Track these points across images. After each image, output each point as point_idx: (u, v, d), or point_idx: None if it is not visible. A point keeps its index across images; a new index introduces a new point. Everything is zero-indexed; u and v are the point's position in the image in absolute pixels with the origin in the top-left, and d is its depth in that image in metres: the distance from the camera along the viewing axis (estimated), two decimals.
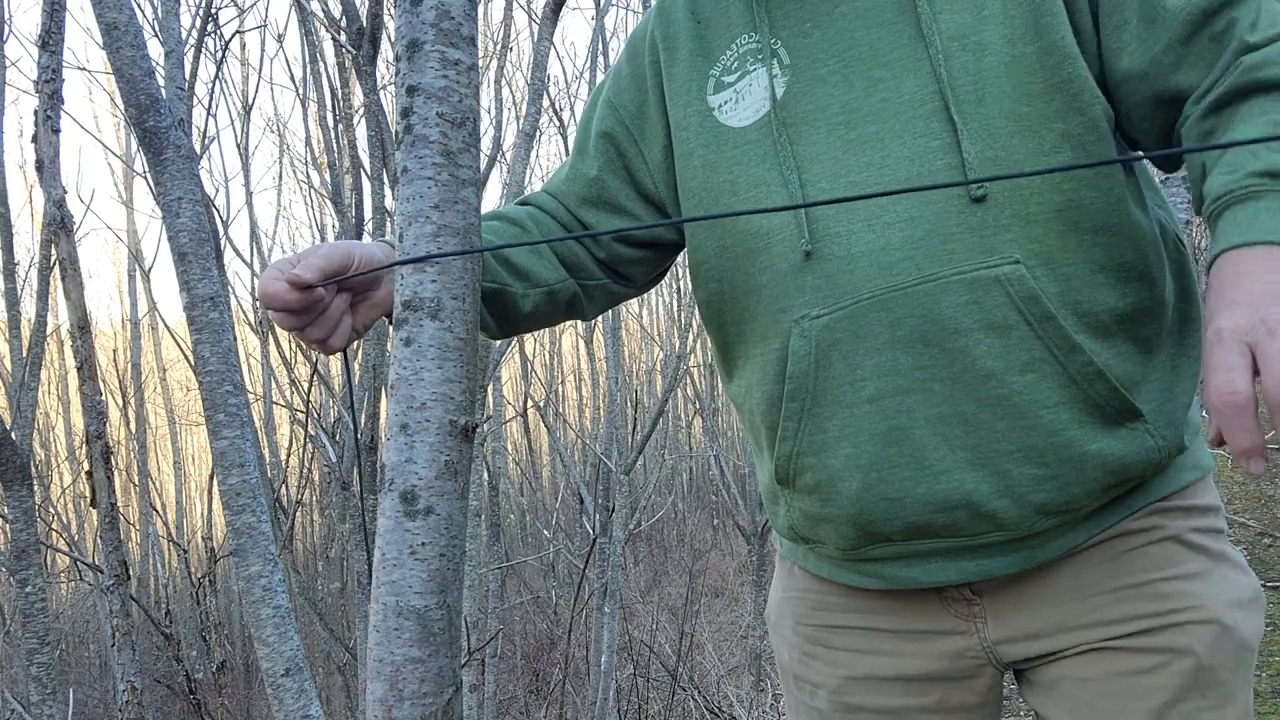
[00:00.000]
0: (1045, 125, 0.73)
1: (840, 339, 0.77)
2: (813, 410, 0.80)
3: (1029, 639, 0.81)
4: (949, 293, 0.74)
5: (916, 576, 0.81)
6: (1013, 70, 0.74)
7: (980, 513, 0.76)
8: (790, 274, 0.80)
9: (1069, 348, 0.73)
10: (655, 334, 9.45)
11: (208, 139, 3.86)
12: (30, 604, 2.29)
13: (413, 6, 0.65)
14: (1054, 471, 0.74)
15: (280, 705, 1.56)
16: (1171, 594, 0.77)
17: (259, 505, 1.57)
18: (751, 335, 0.85)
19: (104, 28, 1.47)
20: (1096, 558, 0.79)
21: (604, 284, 0.97)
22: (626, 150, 0.94)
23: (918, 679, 0.86)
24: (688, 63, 0.88)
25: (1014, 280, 0.73)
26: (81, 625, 8.91)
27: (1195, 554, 0.79)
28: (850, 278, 0.77)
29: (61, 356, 9.98)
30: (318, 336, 0.77)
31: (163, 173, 1.50)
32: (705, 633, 6.50)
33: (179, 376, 10.82)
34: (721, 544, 9.86)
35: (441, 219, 0.64)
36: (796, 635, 0.94)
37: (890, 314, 0.75)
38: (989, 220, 0.73)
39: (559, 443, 5.89)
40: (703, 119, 0.86)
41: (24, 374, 2.68)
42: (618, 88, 0.95)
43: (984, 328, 0.73)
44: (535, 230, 0.93)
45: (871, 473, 0.78)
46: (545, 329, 0.99)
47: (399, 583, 0.61)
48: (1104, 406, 0.74)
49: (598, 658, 4.14)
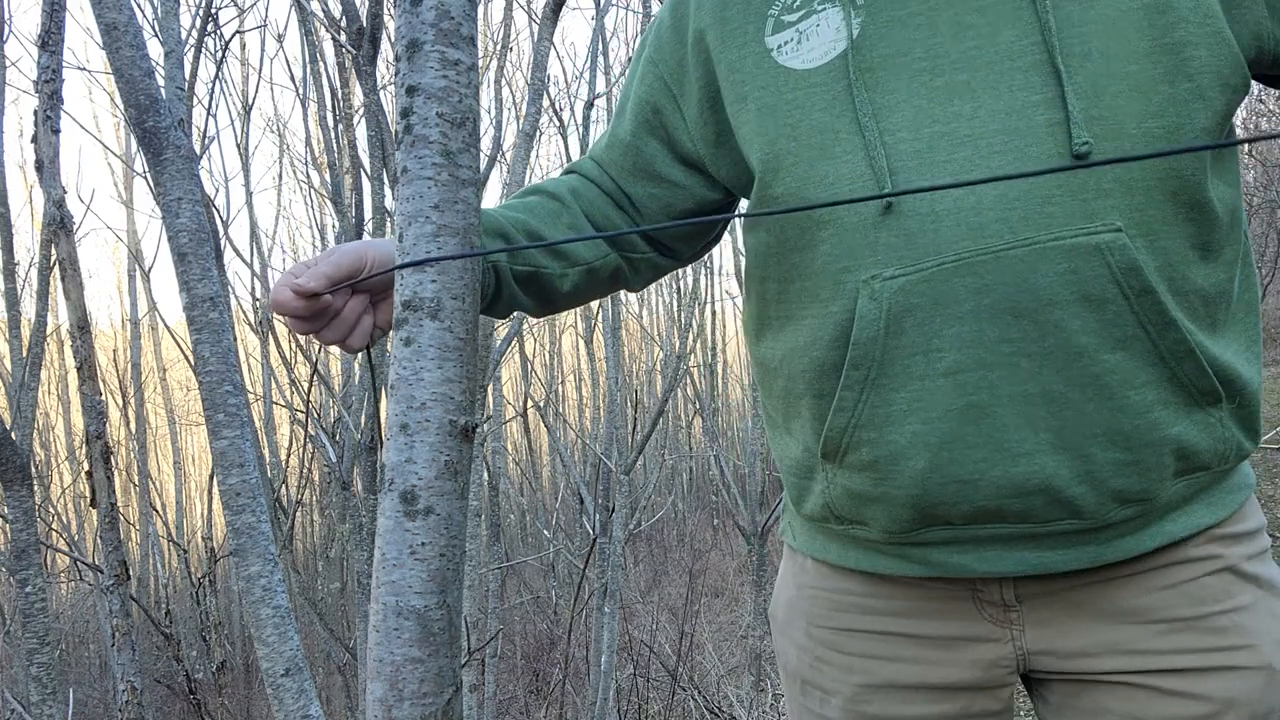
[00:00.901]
0: (1153, 87, 0.68)
1: (917, 304, 0.70)
2: (878, 380, 0.73)
3: (1075, 656, 0.77)
4: (1046, 260, 0.68)
5: (968, 564, 0.76)
6: (1121, 26, 0.68)
7: (1058, 499, 0.71)
8: (861, 229, 0.72)
9: (1164, 324, 0.69)
10: (655, 334, 9.45)
11: (208, 139, 3.86)
12: (30, 604, 2.29)
13: (413, 6, 0.65)
14: (1136, 456, 0.70)
15: (280, 705, 1.56)
16: (1227, 629, 0.74)
17: (259, 505, 1.57)
18: (801, 295, 0.78)
19: (104, 28, 1.47)
20: (1157, 581, 0.75)
21: (649, 257, 0.94)
22: (664, 108, 0.88)
23: (942, 688, 0.81)
24: (743, 3, 0.81)
25: (1116, 249, 0.67)
26: (81, 625, 8.91)
27: (1247, 584, 0.76)
28: (934, 237, 0.69)
29: (61, 356, 9.98)
30: (333, 339, 0.77)
31: (162, 173, 1.50)
32: (705, 633, 6.50)
33: (179, 376, 10.82)
34: (721, 544, 9.85)
35: (441, 219, 0.64)
36: (809, 638, 0.88)
37: (978, 280, 0.69)
38: (1091, 183, 0.68)
39: (559, 443, 5.89)
40: (759, 60, 0.78)
41: (24, 374, 2.68)
42: (659, 42, 0.89)
43: (1080, 300, 0.68)
44: (574, 205, 0.89)
45: (942, 452, 0.72)
46: (548, 318, 0.96)
47: (399, 583, 0.61)
48: (1189, 386, 0.71)
49: (598, 658, 4.14)
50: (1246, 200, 8.31)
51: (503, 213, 0.85)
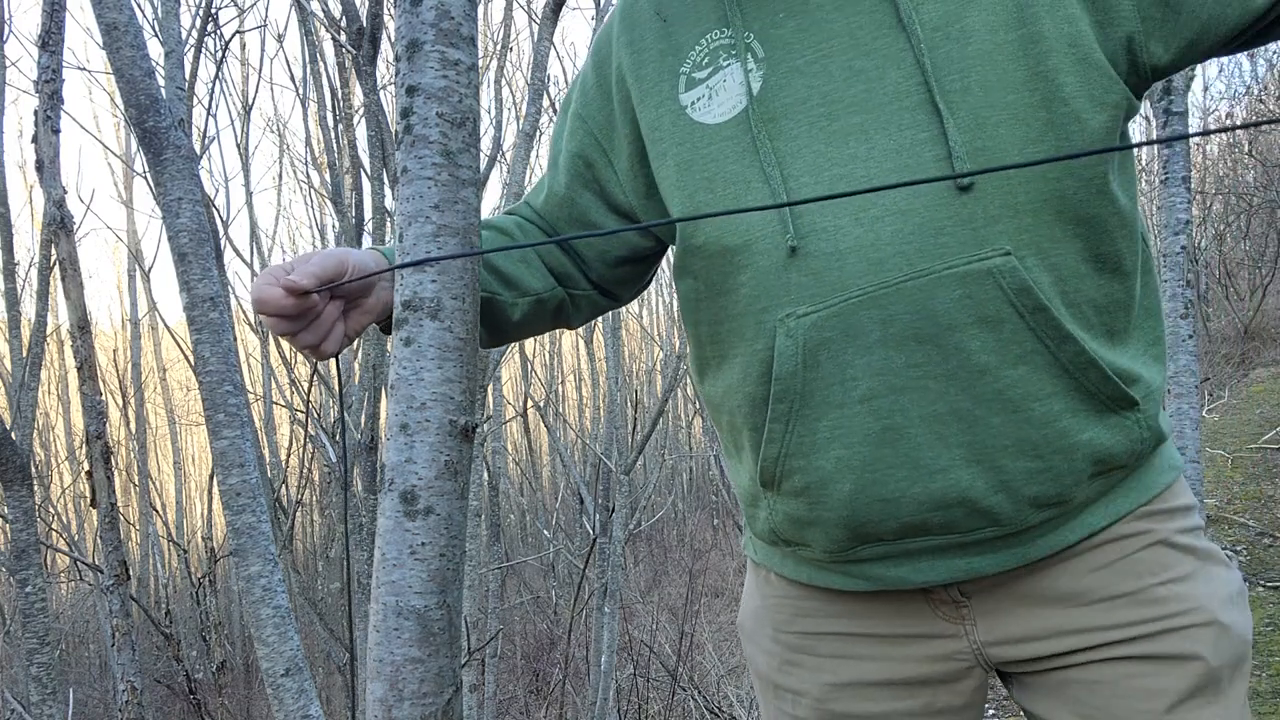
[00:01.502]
0: (1031, 114, 0.72)
1: (830, 338, 0.76)
2: (801, 411, 0.78)
3: (1022, 641, 0.81)
4: (942, 287, 0.73)
5: (905, 576, 0.80)
6: (997, 59, 0.73)
7: (976, 509, 0.75)
8: (774, 272, 0.78)
9: (1061, 338, 0.73)
10: (655, 334, 9.45)
11: (208, 139, 3.86)
12: (30, 604, 2.29)
13: (413, 6, 0.65)
14: (1047, 463, 0.74)
15: (280, 705, 1.56)
16: (1169, 598, 0.77)
17: (259, 505, 1.57)
18: (729, 336, 0.83)
19: (104, 28, 1.47)
20: (1090, 563, 0.79)
21: (590, 295, 0.97)
22: (596, 162, 0.92)
23: (905, 683, 0.85)
24: (656, 62, 0.86)
25: (1006, 272, 0.72)
26: (81, 625, 8.91)
27: (1184, 555, 0.80)
28: (839, 274, 0.75)
29: (61, 356, 9.98)
30: (310, 342, 0.77)
31: (163, 173, 1.50)
32: (705, 633, 6.50)
33: (179, 376, 10.82)
34: (721, 544, 9.85)
35: (441, 219, 0.64)
36: (776, 644, 0.92)
37: (882, 311, 0.74)
38: (979, 211, 0.72)
39: (559, 443, 5.89)
40: (675, 117, 0.84)
41: (24, 374, 2.68)
42: (585, 99, 0.93)
43: (977, 322, 0.73)
44: (523, 239, 0.93)
45: (865, 474, 0.77)
46: None
47: (399, 583, 0.61)
48: (1097, 394, 0.74)
49: (598, 658, 4.14)
50: (1246, 200, 8.30)
51: None
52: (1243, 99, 9.96)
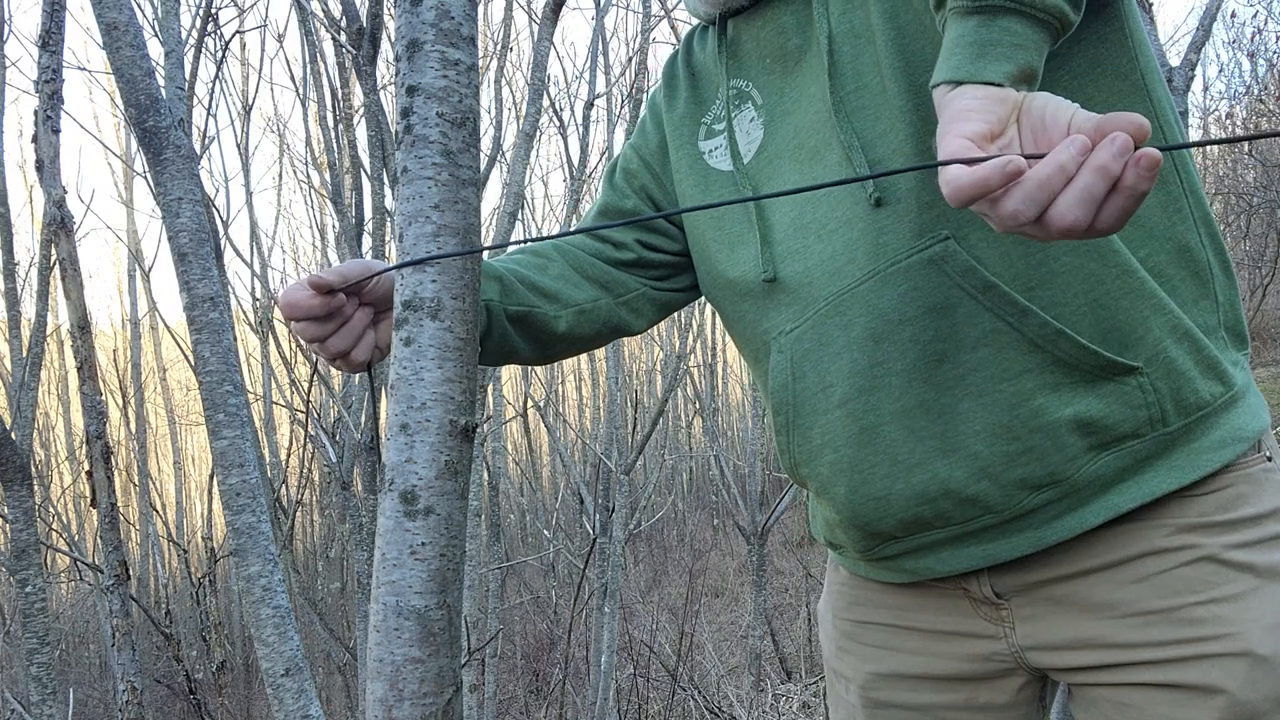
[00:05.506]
0: (924, 125, 0.74)
1: (808, 349, 0.81)
2: (797, 421, 0.83)
3: (1058, 649, 0.78)
4: (889, 284, 0.75)
5: (931, 566, 0.81)
6: (889, 94, 0.77)
7: (962, 499, 0.75)
8: (764, 297, 0.85)
9: (1019, 312, 0.71)
10: (655, 334, 9.45)
11: (208, 139, 3.86)
12: (30, 604, 2.29)
13: (413, 6, 0.65)
14: (1026, 444, 0.73)
15: (280, 705, 1.56)
16: (1206, 619, 0.72)
17: (259, 505, 1.57)
18: (750, 357, 0.90)
19: (104, 28, 1.47)
20: (1131, 574, 0.75)
21: (643, 292, 0.97)
22: (649, 183, 1.00)
23: (945, 678, 0.86)
24: (684, 112, 0.95)
25: (948, 256, 0.73)
26: (81, 625, 8.91)
27: (1237, 573, 0.73)
28: (810, 290, 0.80)
29: (61, 356, 9.98)
30: (341, 348, 0.77)
31: (163, 173, 1.50)
32: (705, 633, 6.50)
33: (179, 376, 10.81)
34: (721, 544, 9.85)
35: (441, 219, 0.64)
36: (835, 629, 0.96)
37: (843, 317, 0.78)
38: (914, 201, 0.74)
39: (559, 443, 5.89)
40: (693, 162, 0.93)
41: (24, 374, 2.68)
42: (642, 132, 1.02)
43: (927, 312, 0.74)
44: (559, 258, 0.94)
45: (854, 475, 0.79)
46: None
47: (399, 583, 0.61)
48: (1078, 365, 0.71)
49: (598, 658, 4.14)
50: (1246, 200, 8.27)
51: (493, 260, 0.92)
52: (1243, 98, 9.96)
